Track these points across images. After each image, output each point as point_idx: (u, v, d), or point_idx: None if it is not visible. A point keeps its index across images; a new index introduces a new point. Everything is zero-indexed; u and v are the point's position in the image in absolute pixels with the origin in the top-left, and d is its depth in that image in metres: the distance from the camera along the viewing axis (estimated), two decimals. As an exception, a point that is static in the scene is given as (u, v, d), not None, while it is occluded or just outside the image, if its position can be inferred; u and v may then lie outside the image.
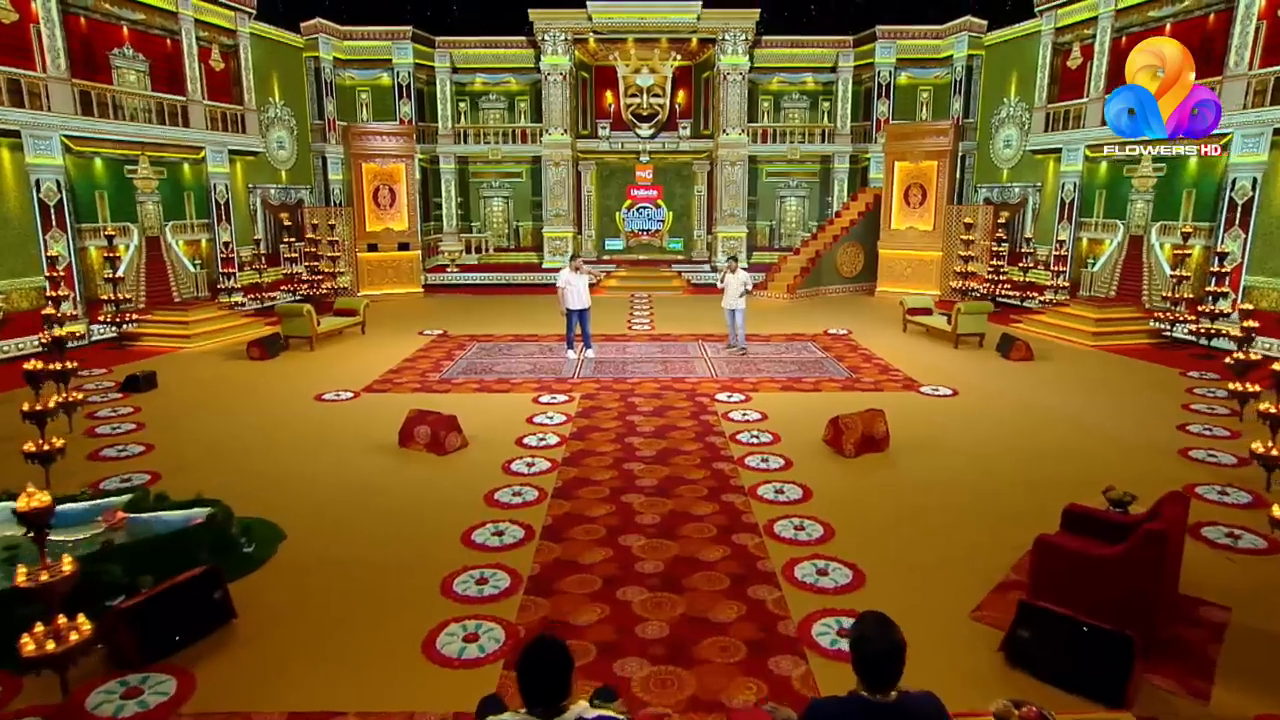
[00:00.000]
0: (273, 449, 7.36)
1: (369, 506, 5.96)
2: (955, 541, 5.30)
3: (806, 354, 11.65)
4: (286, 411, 8.61)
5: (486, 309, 15.70)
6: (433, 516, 5.77)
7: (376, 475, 6.65)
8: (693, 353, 11.81)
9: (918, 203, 17.42)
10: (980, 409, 8.74)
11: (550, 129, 20.21)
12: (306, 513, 5.80)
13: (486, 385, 9.91)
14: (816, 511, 5.82)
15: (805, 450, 7.22)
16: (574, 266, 10.99)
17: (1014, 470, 6.73)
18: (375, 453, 7.23)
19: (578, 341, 11.39)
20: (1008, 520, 5.61)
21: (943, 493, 6.20)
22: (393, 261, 17.85)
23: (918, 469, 6.78)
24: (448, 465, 6.93)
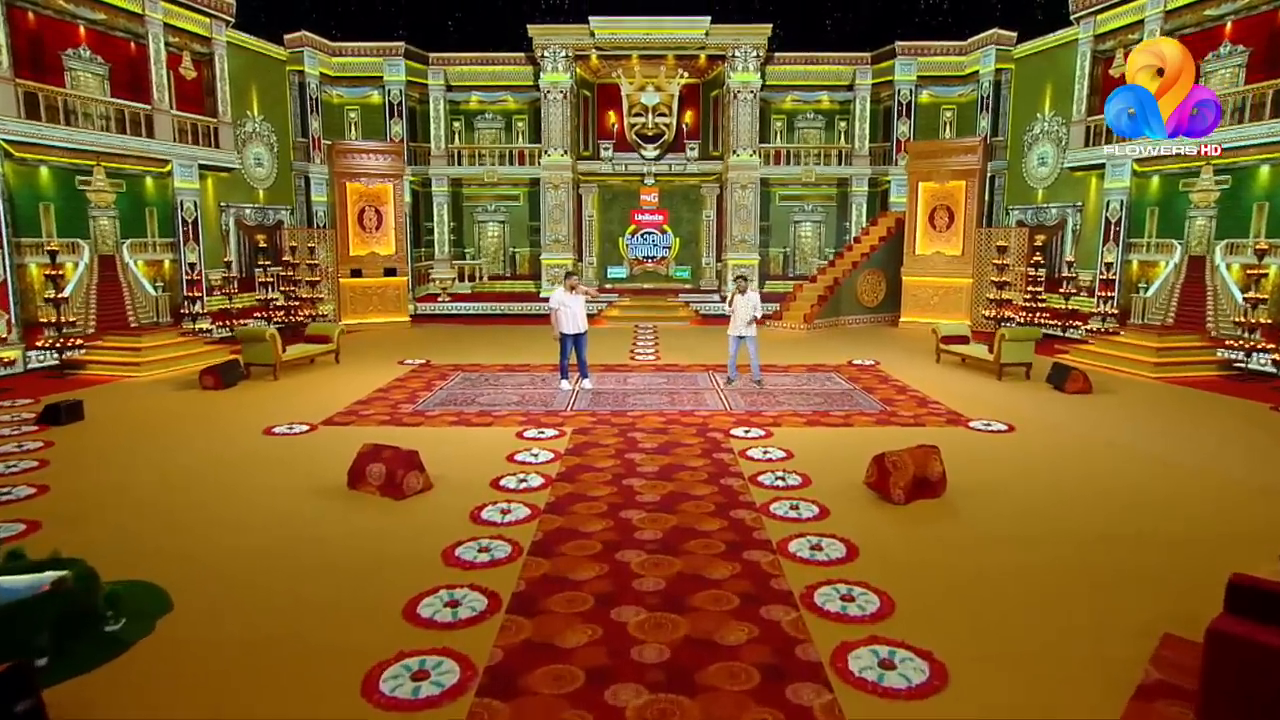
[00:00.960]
0: (196, 492, 6.22)
1: (295, 566, 4.79)
2: (1052, 620, 4.09)
3: (831, 386, 10.65)
4: (227, 448, 7.52)
5: (477, 339, 14.96)
6: (373, 580, 4.59)
7: (312, 524, 5.49)
8: (703, 384, 10.83)
9: (944, 226, 16.61)
10: (1044, 447, 7.60)
11: (549, 150, 19.72)
12: (212, 574, 4.63)
13: (465, 418, 8.83)
14: (867, 575, 4.62)
15: (843, 495, 6.05)
16: (569, 286, 10.05)
17: (1104, 523, 5.54)
18: (318, 496, 6.08)
19: (573, 371, 10.45)
20: (1113, 590, 4.41)
21: (1021, 551, 5.00)
22: (378, 288, 17.04)
23: (984, 519, 5.59)
24: (404, 512, 5.77)
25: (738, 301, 10.19)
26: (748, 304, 10.17)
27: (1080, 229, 16.09)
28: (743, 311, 10.20)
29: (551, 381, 10.71)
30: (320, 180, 18.80)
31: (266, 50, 17.43)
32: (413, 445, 6.93)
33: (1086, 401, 9.72)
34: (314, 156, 18.83)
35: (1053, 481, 6.53)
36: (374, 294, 17.03)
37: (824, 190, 21.50)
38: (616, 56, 20.09)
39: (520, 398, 9.81)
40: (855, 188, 20.79)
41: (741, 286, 10.14)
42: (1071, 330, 14.63)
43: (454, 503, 5.97)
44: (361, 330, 16.30)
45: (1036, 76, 17.15)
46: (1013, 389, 10.48)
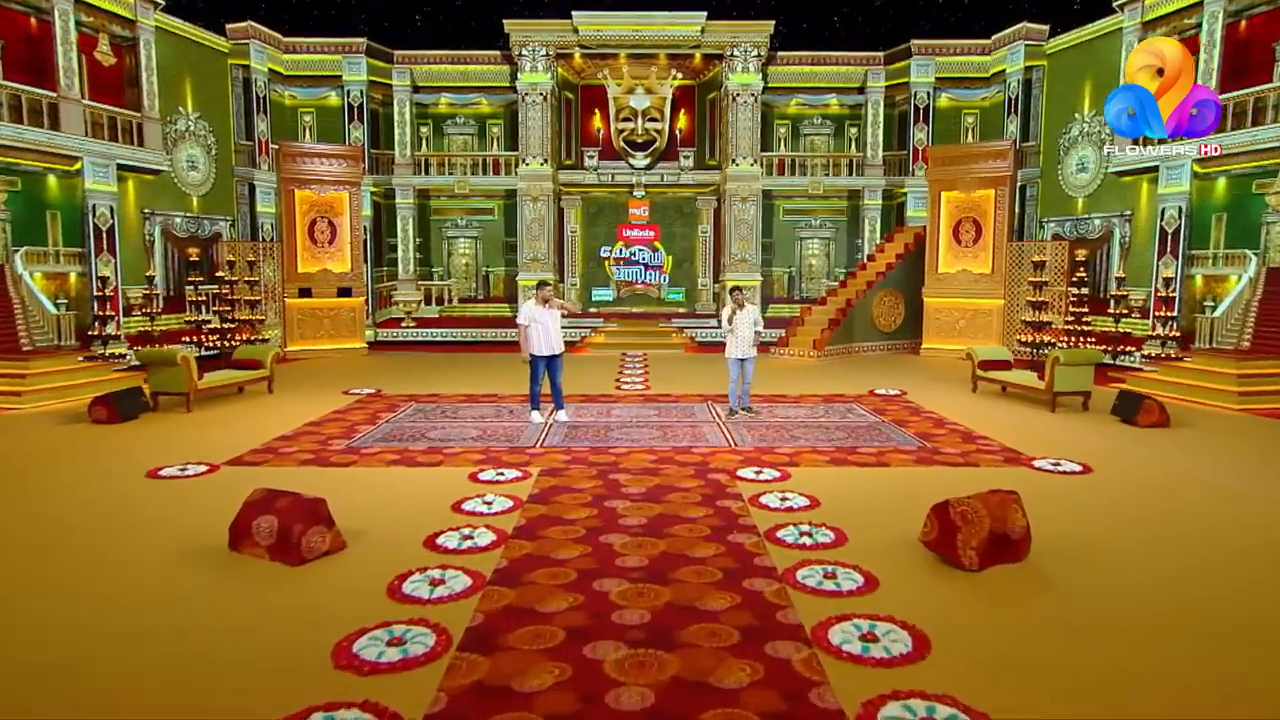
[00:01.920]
0: (32, 554, 4.92)
1: (116, 674, 3.50)
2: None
3: (855, 418, 9.60)
4: (95, 495, 6.28)
5: (442, 367, 14.09)
6: (229, 692, 3.30)
7: (166, 604, 4.22)
8: (701, 416, 9.77)
9: (971, 240, 15.80)
10: (1133, 492, 6.45)
11: (528, 158, 19.15)
12: (17, 669, 3.33)
13: (408, 456, 7.64)
14: (946, 682, 3.37)
15: (893, 557, 4.83)
16: (541, 298, 9.04)
17: (1245, 597, 4.31)
18: (187, 561, 4.82)
19: (546, 401, 9.38)
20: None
21: (1149, 643, 3.81)
22: (329, 310, 16.03)
23: (1087, 593, 4.37)
24: (296, 584, 4.49)
25: (739, 318, 9.25)
26: (750, 318, 9.30)
27: (1130, 241, 15.22)
28: (745, 329, 9.28)
29: (521, 414, 9.65)
30: (267, 189, 17.94)
31: (205, 40, 16.55)
32: (337, 489, 5.81)
33: (1165, 436, 8.60)
34: (260, 162, 18.03)
35: (1157, 537, 5.34)
36: (325, 316, 16.02)
37: (833, 203, 21.00)
38: (602, 55, 19.58)
39: (481, 432, 8.70)
40: (868, 200, 20.23)
41: (740, 300, 9.25)
42: (1125, 357, 13.54)
43: (369, 569, 4.70)
44: (309, 357, 15.29)
45: (1073, 73, 16.43)
46: (1073, 422, 9.40)
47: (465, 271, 21.31)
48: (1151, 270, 14.25)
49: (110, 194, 13.67)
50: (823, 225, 21.29)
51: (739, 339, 9.31)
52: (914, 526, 5.22)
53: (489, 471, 7.07)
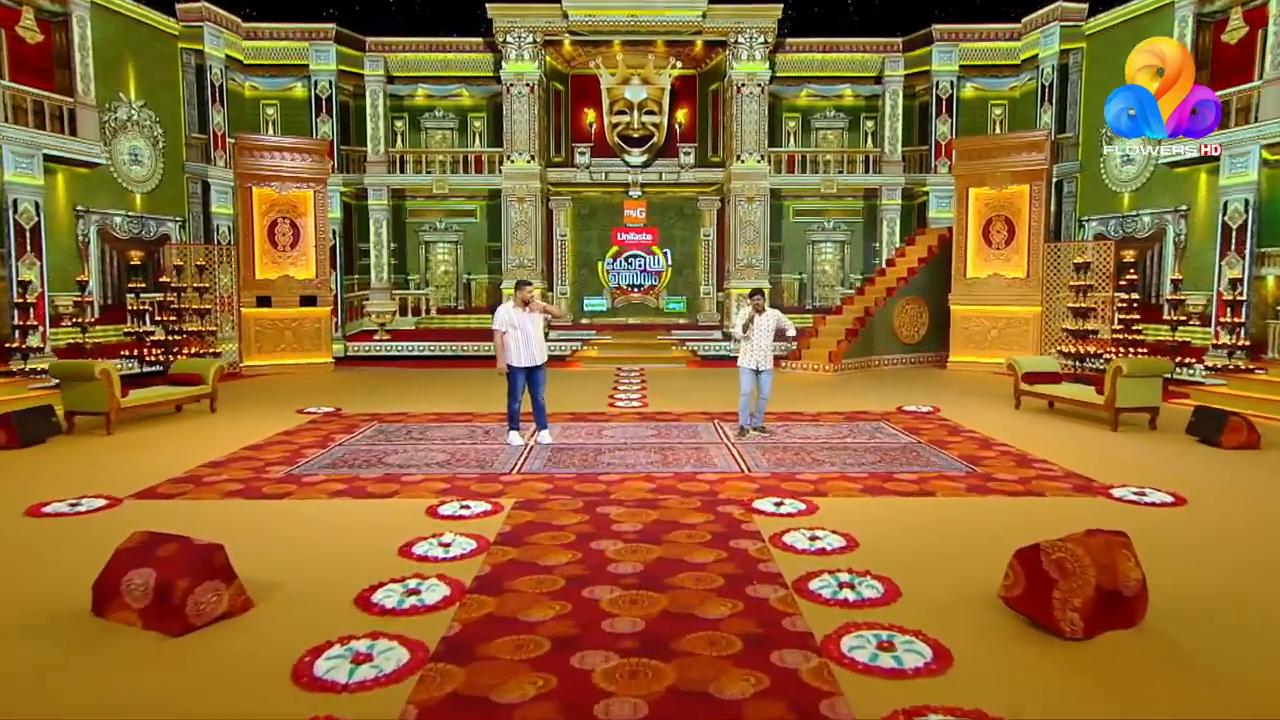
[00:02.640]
0: None
1: None
2: None
3: (885, 438, 8.80)
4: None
5: (416, 384, 13.42)
6: None
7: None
8: (706, 436, 8.96)
9: (1003, 241, 15.11)
10: (1246, 529, 5.60)
11: (513, 155, 18.64)
12: None
13: (358, 486, 6.75)
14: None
15: (962, 618, 3.93)
16: (520, 299, 8.26)
17: None
18: (38, 630, 3.89)
19: (527, 420, 8.65)
20: None
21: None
22: (291, 321, 15.26)
23: (1235, 671, 3.47)
24: (175, 662, 3.56)
25: (757, 324, 8.53)
26: (769, 324, 8.55)
27: (1186, 239, 14.44)
28: (762, 335, 8.54)
29: (497, 434, 8.82)
30: (224, 187, 17.22)
31: (151, 20, 15.81)
32: (260, 528, 5.08)
33: (1257, 460, 7.72)
34: (215, 158, 17.33)
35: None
36: (287, 328, 15.23)
37: (848, 203, 20.53)
38: (595, 42, 19.13)
39: (449, 456, 7.86)
40: (886, 200, 19.74)
41: (759, 304, 8.54)
42: (1186, 370, 12.66)
43: (274, 640, 3.75)
44: (268, 373, 14.54)
45: (1117, 55, 15.51)
46: (1142, 443, 8.54)
47: (445, 279, 20.80)
48: (1213, 271, 13.45)
49: (34, 188, 12.78)
50: (836, 227, 20.78)
51: (755, 347, 8.60)
52: (981, 574, 4.30)
53: (452, 504, 6.17)
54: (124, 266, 14.62)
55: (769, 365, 8.61)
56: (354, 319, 19.17)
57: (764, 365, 8.59)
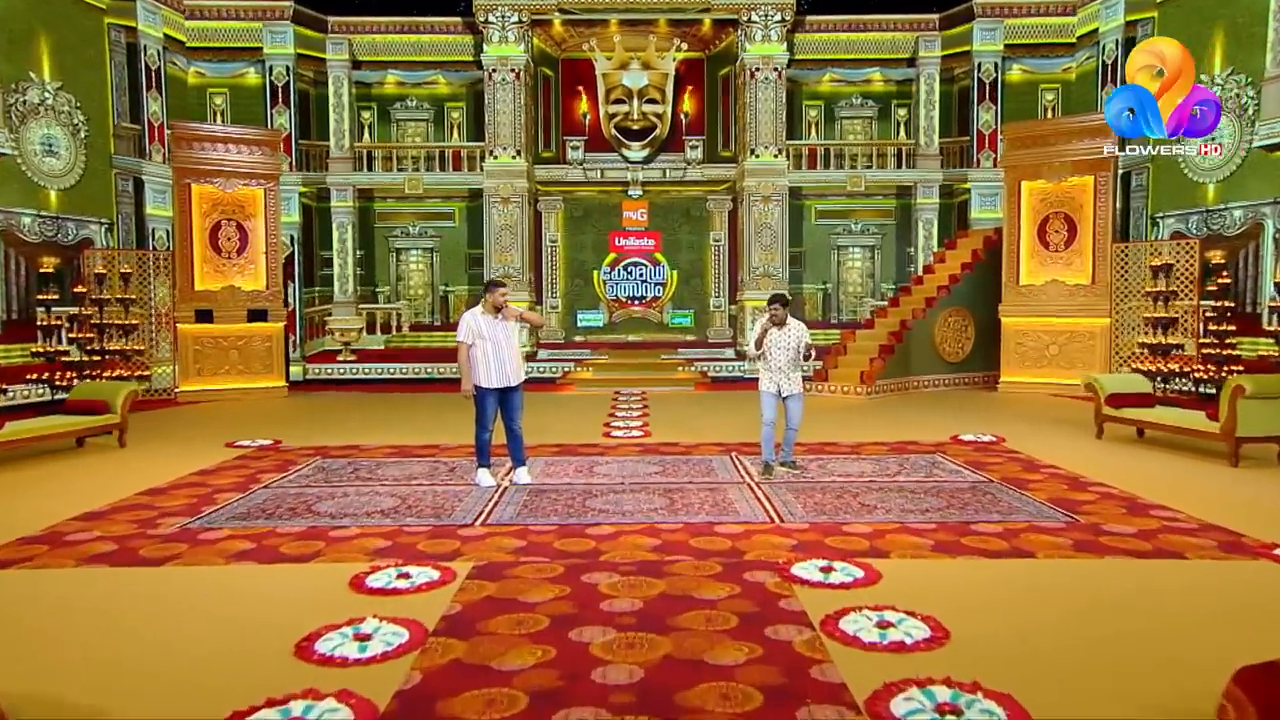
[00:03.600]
0: None
1: None
2: None
3: (945, 475, 7.78)
4: None
5: (380, 410, 12.88)
6: None
7: None
8: (723, 473, 7.98)
9: (1062, 243, 14.42)
10: None
11: (496, 150, 18.09)
12: None
13: (269, 547, 5.68)
14: None
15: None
16: (491, 304, 7.27)
17: None
18: None
19: (501, 454, 7.86)
20: None
21: None
22: (238, 339, 14.45)
23: None
24: None
25: (773, 338, 7.68)
26: (789, 340, 7.68)
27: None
28: (780, 353, 7.68)
29: (465, 472, 7.85)
30: (161, 186, 16.33)
31: (68, -14, 15.00)
32: (109, 611, 4.33)
33: None
34: (151, 152, 16.48)
35: None
36: (232, 347, 14.40)
37: (878, 203, 19.97)
38: (589, 21, 18.55)
39: (398, 502, 6.80)
40: (922, 198, 19.07)
41: (778, 315, 7.66)
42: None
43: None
44: (209, 399, 13.76)
45: (1196, 23, 14.89)
46: (1272, 480, 7.37)
47: (419, 292, 20.36)
48: (1323, 273, 12.33)
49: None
50: (865, 230, 20.34)
51: (773, 367, 7.72)
52: (1155, 691, 3.10)
53: (386, 572, 5.02)
54: (33, 275, 13.60)
55: (796, 389, 7.72)
56: (314, 337, 18.55)
57: (788, 389, 7.70)
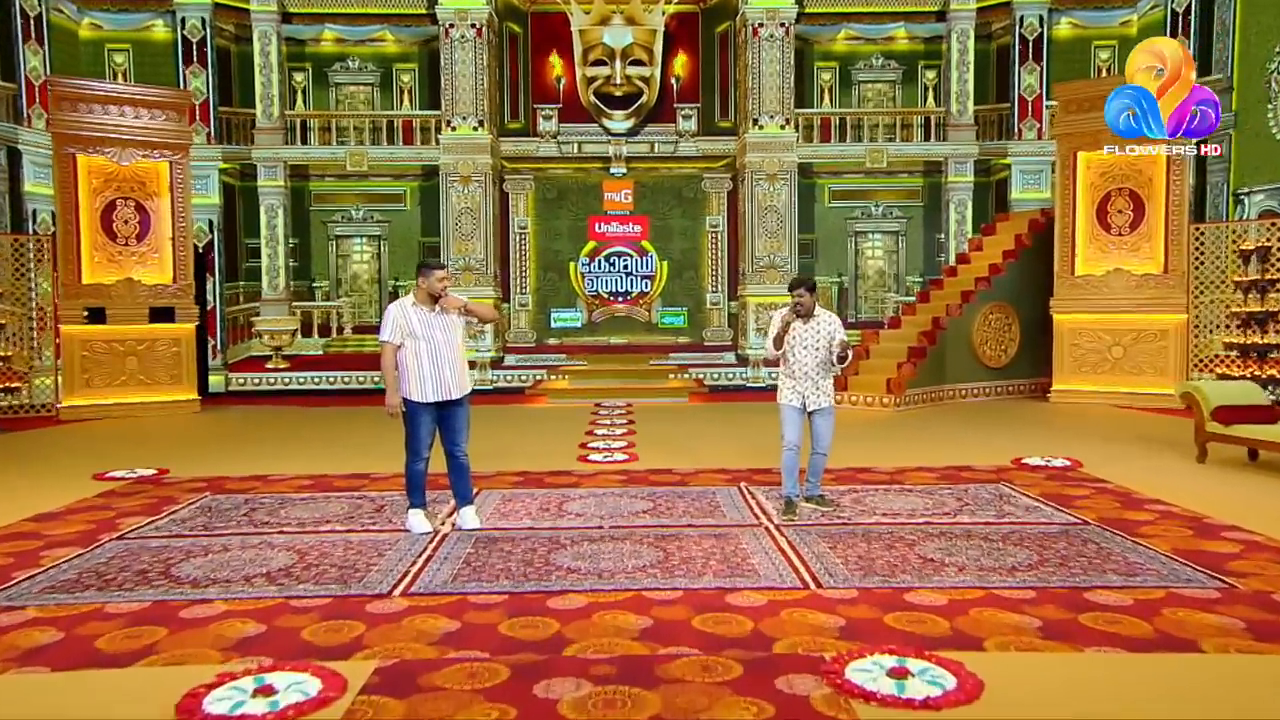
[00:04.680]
0: None
1: None
2: None
3: (1021, 513, 6.84)
4: None
5: (310, 428, 12.49)
6: None
7: None
8: (731, 512, 7.05)
9: (1126, 225, 14.00)
10: None
11: (455, 120, 17.84)
12: None
13: (83, 638, 4.59)
14: None
15: None
16: (426, 292, 6.43)
17: None
18: None
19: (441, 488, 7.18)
20: None
21: None
22: (137, 343, 13.78)
23: None
24: None
25: (796, 335, 6.84)
26: (817, 337, 6.83)
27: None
28: (806, 354, 6.83)
29: (395, 512, 6.98)
30: (42, 158, 15.65)
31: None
32: None
33: None
34: (31, 115, 15.84)
35: None
36: (130, 353, 13.68)
37: (902, 181, 19.60)
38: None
39: (295, 560, 5.71)
40: (953, 176, 18.74)
41: (803, 305, 6.77)
42: None
43: None
44: (99, 416, 13.07)
45: None
46: None
47: (363, 287, 19.94)
48: None
49: None
50: (888, 214, 19.96)
51: (796, 372, 6.83)
52: None
53: (239, 684, 3.84)
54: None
55: (825, 401, 6.83)
56: (239, 341, 18.16)
57: (815, 400, 6.82)
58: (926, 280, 18.11)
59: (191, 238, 14.37)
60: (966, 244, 17.54)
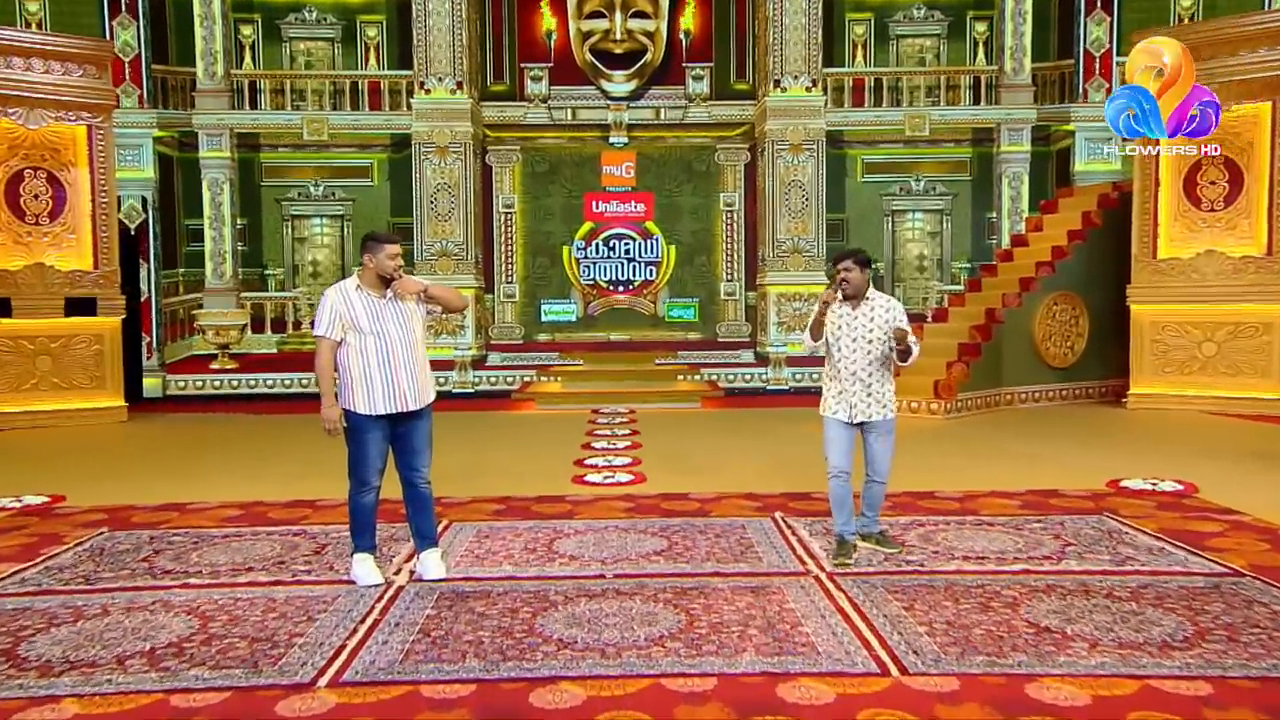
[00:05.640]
0: None
1: None
2: None
3: (1143, 559, 6.11)
4: None
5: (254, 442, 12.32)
6: None
7: None
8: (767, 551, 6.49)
9: (1220, 199, 13.82)
10: None
11: (430, 81, 17.61)
12: None
13: None
14: None
15: None
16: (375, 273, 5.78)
17: None
18: None
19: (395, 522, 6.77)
20: None
21: None
22: (51, 340, 13.63)
23: None
24: None
25: (841, 323, 6.17)
26: (870, 327, 6.12)
27: None
28: (855, 349, 6.12)
29: (336, 553, 6.42)
30: None
31: None
32: None
33: None
34: None
35: None
36: (42, 352, 13.49)
37: (947, 152, 19.61)
38: None
39: (195, 628, 4.98)
40: (1007, 145, 18.55)
41: (852, 283, 6.09)
42: None
43: None
44: (3, 427, 12.86)
45: None
46: None
47: (324, 276, 19.56)
48: None
49: None
50: (930, 189, 19.84)
51: (842, 373, 6.11)
52: None
53: None
54: None
55: (880, 412, 6.08)
56: (179, 338, 17.85)
57: (866, 411, 6.07)
58: (976, 266, 17.91)
59: (118, 216, 14.06)
60: (1023, 224, 17.36)
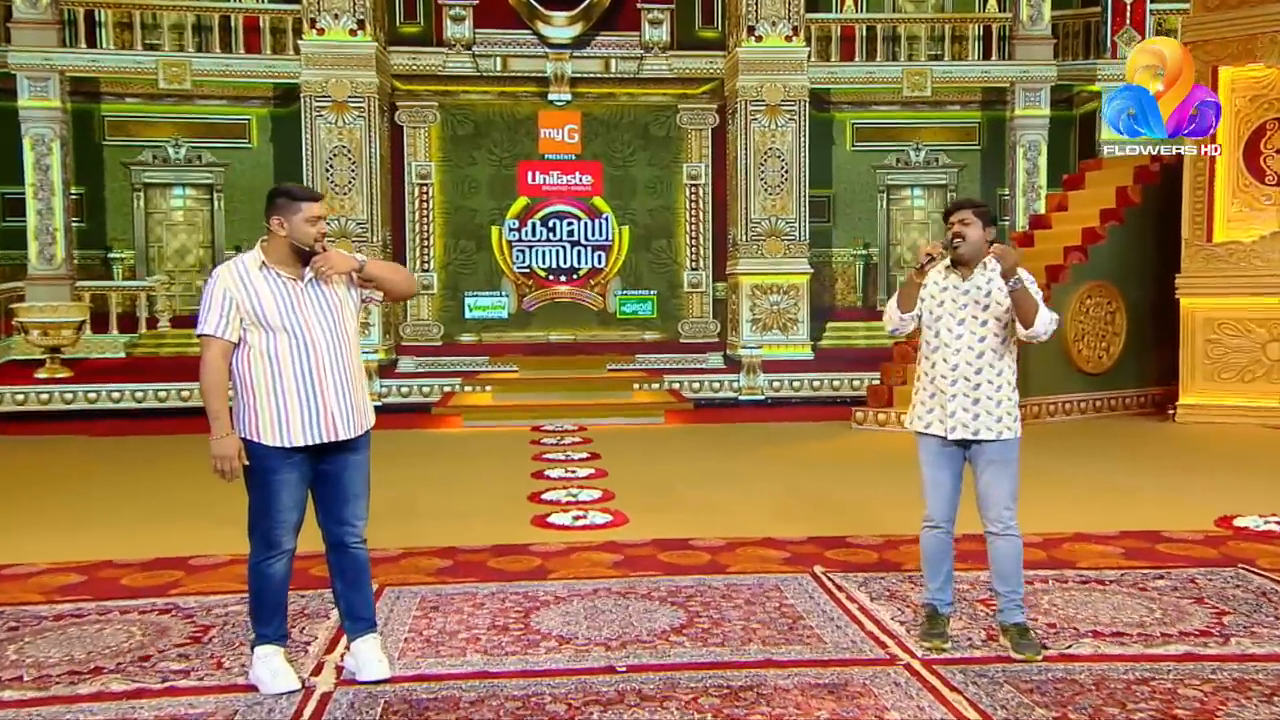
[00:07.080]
0: None
1: None
2: None
3: None
4: None
5: (100, 477, 11.60)
6: None
7: None
8: (827, 628, 5.98)
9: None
10: None
11: (323, 19, 17.42)
12: None
13: None
14: None
15: None
16: (299, 240, 5.00)
17: None
18: None
19: (312, 587, 6.24)
20: None
21: None
22: None
23: None
24: None
25: (944, 296, 5.54)
26: (984, 307, 5.46)
27: None
28: (960, 333, 5.53)
29: (226, 641, 5.88)
30: None
31: None
32: None
33: None
34: None
35: None
36: None
37: (952, 116, 20.34)
38: None
39: None
40: (1023, 109, 18.93)
41: (964, 239, 5.37)
42: None
43: None
44: None
45: None
46: None
47: (187, 260, 19.87)
48: None
49: None
50: (932, 160, 20.41)
51: (940, 370, 5.43)
52: None
53: None
54: None
55: (996, 428, 5.25)
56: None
57: (972, 424, 5.28)
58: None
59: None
60: (1042, 202, 17.70)
